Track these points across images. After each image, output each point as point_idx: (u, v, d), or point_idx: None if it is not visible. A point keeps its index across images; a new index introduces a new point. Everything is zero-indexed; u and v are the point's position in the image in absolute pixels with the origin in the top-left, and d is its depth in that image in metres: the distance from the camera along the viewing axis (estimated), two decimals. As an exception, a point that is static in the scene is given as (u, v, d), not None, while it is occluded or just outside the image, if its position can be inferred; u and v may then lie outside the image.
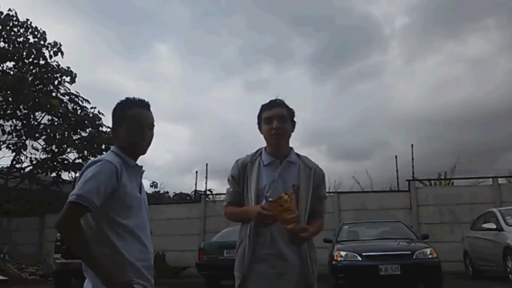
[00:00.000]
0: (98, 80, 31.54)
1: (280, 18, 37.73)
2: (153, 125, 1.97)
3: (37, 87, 13.13)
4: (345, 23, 35.34)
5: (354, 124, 32.53)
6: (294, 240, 2.06)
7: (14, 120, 13.07)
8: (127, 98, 1.97)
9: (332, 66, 37.48)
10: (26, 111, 13.01)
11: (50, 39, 13.28)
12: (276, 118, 2.21)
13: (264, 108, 2.28)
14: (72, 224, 1.73)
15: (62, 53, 13.23)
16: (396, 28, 33.45)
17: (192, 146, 35.17)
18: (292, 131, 2.30)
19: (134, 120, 1.90)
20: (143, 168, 2.01)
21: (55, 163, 13.41)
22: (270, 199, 2.03)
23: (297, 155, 2.30)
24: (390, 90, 32.90)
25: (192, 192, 17.60)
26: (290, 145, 2.31)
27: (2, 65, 12.92)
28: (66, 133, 12.92)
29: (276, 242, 2.11)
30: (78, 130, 13.39)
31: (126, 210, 1.83)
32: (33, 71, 13.04)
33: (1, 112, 12.64)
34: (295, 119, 2.32)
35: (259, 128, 2.31)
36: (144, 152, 1.96)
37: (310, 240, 2.21)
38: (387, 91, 33.00)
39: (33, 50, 12.87)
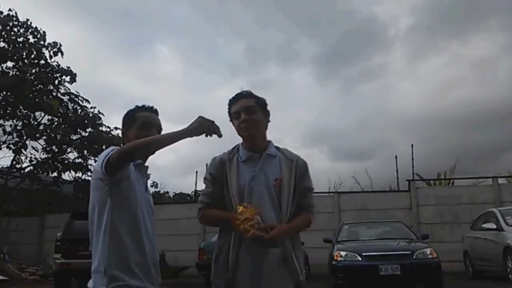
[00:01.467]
0: (103, 81, 31.62)
1: (285, 19, 37.77)
2: (161, 129, 2.06)
3: (37, 87, 13.14)
4: (349, 24, 35.46)
5: (356, 124, 32.56)
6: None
7: (14, 120, 13.09)
8: (137, 105, 2.09)
9: (335, 66, 37.57)
10: (26, 111, 13.02)
11: (52, 39, 13.35)
12: (243, 111, 2.09)
13: (231, 102, 2.17)
14: (122, 149, 1.75)
15: (62, 53, 13.26)
16: (399, 29, 33.54)
17: (195, 147, 35.22)
18: (267, 121, 2.18)
19: (144, 120, 2.01)
20: (149, 171, 2.06)
21: (55, 163, 13.43)
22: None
23: (277, 148, 2.19)
24: (392, 91, 32.98)
25: (192, 192, 17.61)
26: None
27: (2, 65, 12.93)
28: (66, 133, 12.92)
29: (256, 244, 1.99)
30: (78, 130, 13.41)
31: (131, 201, 1.85)
32: (33, 71, 13.06)
33: (1, 112, 12.65)
34: (268, 108, 2.19)
35: (232, 122, 2.18)
36: (150, 154, 2.00)
37: (295, 238, 2.10)
38: (389, 91, 33.08)
39: (33, 50, 12.89)
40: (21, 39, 12.84)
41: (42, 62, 13.17)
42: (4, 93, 12.66)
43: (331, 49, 35.64)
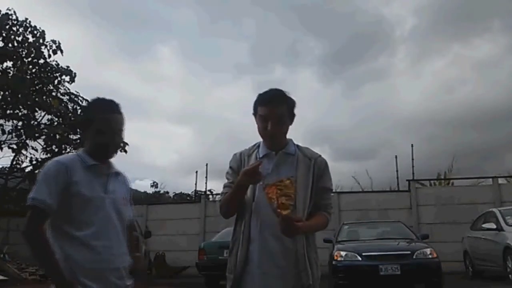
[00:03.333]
0: (105, 81, 31.59)
1: (291, 20, 37.72)
2: (121, 130, 1.96)
3: (36, 87, 13.11)
4: (354, 25, 35.32)
5: (358, 124, 32.54)
6: (287, 230, 1.85)
7: (14, 120, 13.06)
8: (98, 99, 1.96)
9: (339, 67, 37.56)
10: (26, 111, 12.99)
11: (54, 39, 13.26)
12: (273, 120, 2.00)
13: (261, 102, 2.05)
14: (32, 228, 1.76)
15: (62, 51, 13.21)
16: (404, 30, 33.52)
17: (199, 147, 35.20)
18: (291, 124, 2.10)
19: (98, 128, 1.89)
20: (114, 169, 2.00)
21: (55, 163, 13.40)
22: (267, 183, 1.88)
23: (297, 146, 2.12)
24: (395, 91, 33.01)
25: (192, 192, 17.62)
26: (296, 142, 2.15)
27: (1, 65, 12.90)
28: (66, 133, 12.90)
29: (267, 241, 1.95)
30: (78, 130, 13.38)
31: (81, 209, 1.82)
32: (33, 70, 13.03)
33: (1, 112, 12.63)
34: (295, 111, 2.11)
35: (254, 116, 2.11)
36: (110, 156, 1.97)
37: (311, 239, 2.04)
38: (392, 92, 33.12)
39: (32, 49, 12.85)
40: (20, 38, 12.81)
41: (41, 61, 13.15)
42: (4, 93, 12.63)
43: (335, 49, 35.67)
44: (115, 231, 1.89)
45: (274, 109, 2.01)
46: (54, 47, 13.11)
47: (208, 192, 15.91)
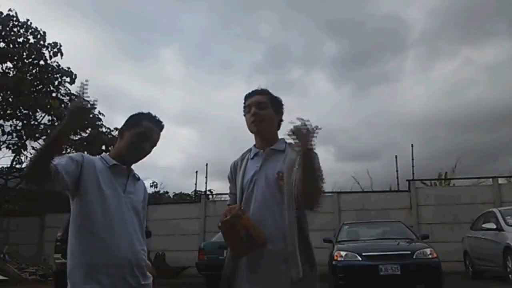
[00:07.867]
0: (108, 83, 31.59)
1: (302, 21, 37.71)
2: (155, 145, 2.08)
3: (37, 88, 13.13)
4: (362, 27, 35.33)
5: (363, 125, 32.57)
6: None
7: (14, 121, 13.08)
8: (149, 113, 2.10)
9: (350, 69, 37.55)
10: (26, 112, 13.01)
11: (58, 42, 13.26)
12: (254, 105, 2.11)
13: (245, 97, 2.19)
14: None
15: (61, 54, 13.23)
16: (414, 34, 33.55)
17: (202, 148, 35.19)
18: (280, 119, 2.16)
19: (143, 130, 2.01)
20: (134, 172, 2.07)
21: (55, 164, 13.41)
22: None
23: (290, 144, 2.10)
24: (402, 93, 33.09)
25: (192, 192, 17.61)
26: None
27: (2, 65, 12.92)
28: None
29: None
30: (78, 131, 13.39)
31: (98, 206, 1.88)
32: (33, 71, 13.04)
33: (1, 112, 12.64)
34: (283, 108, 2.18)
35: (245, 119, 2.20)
36: (136, 161, 2.06)
37: (303, 237, 1.97)
38: (399, 94, 33.21)
39: (33, 50, 12.87)
40: (21, 40, 12.83)
41: (42, 62, 13.16)
42: (4, 93, 12.64)
43: (346, 51, 35.72)
44: (130, 230, 1.94)
45: (255, 96, 2.14)
46: (55, 49, 13.13)
47: (208, 192, 15.90)
